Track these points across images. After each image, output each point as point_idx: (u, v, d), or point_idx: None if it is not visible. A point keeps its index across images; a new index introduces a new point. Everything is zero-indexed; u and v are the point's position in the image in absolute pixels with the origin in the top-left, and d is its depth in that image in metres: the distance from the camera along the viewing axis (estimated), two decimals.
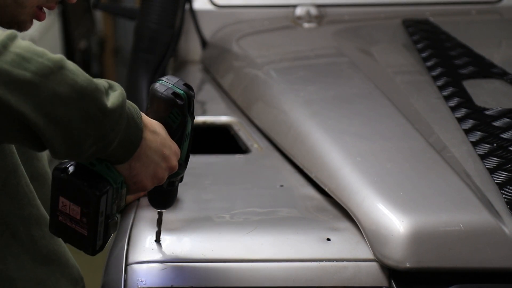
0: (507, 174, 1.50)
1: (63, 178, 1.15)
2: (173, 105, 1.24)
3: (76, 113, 1.05)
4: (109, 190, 1.15)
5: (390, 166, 1.55)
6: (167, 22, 2.60)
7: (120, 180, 1.17)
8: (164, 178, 1.22)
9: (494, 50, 2.43)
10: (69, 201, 1.15)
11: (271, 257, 1.38)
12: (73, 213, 1.15)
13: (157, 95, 1.25)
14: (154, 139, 1.19)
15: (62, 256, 1.40)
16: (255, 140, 1.94)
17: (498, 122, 1.74)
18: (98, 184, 1.15)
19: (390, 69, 2.18)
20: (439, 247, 1.33)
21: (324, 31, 2.60)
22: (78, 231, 1.16)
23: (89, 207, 1.14)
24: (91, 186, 1.14)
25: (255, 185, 1.68)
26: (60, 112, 1.04)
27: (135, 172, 1.18)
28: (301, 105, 1.88)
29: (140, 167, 1.18)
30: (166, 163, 1.22)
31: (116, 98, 1.10)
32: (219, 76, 2.43)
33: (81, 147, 1.07)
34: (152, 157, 1.19)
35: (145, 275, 1.35)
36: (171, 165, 1.23)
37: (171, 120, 1.25)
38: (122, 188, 1.18)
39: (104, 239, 1.19)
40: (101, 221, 1.16)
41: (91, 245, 1.17)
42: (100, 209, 1.15)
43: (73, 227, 1.16)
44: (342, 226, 1.46)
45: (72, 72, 1.06)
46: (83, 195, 1.14)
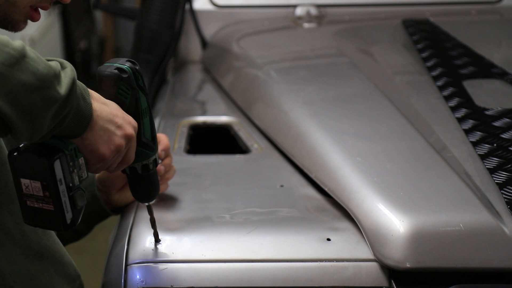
0: (507, 174, 1.50)
1: (16, 158, 1.17)
2: (118, 79, 1.27)
3: (39, 99, 1.08)
4: (61, 156, 1.17)
5: (390, 166, 1.55)
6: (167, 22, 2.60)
7: (72, 147, 1.19)
8: (122, 144, 1.23)
9: (494, 50, 2.43)
10: (29, 179, 1.17)
11: (271, 257, 1.38)
12: (36, 191, 1.17)
13: (102, 74, 1.28)
14: (103, 109, 1.22)
15: (56, 252, 1.40)
16: (255, 140, 1.94)
17: (498, 122, 1.74)
18: (48, 152, 1.17)
19: (390, 69, 2.18)
20: (439, 247, 1.33)
21: (324, 31, 2.60)
22: (46, 209, 1.18)
23: (45, 176, 1.16)
24: (41, 155, 1.16)
25: (255, 185, 1.68)
26: (26, 100, 1.07)
27: (87, 142, 1.20)
28: (301, 105, 1.88)
29: (92, 136, 1.20)
30: (120, 130, 1.23)
31: (69, 77, 1.13)
32: (219, 76, 2.43)
33: (42, 129, 1.11)
34: (104, 125, 1.21)
35: (145, 275, 1.35)
36: (127, 133, 1.23)
37: (122, 96, 1.28)
38: (77, 156, 1.19)
39: (73, 212, 1.19)
40: (62, 190, 1.17)
41: (60, 219, 1.18)
42: (57, 177, 1.16)
43: (41, 207, 1.18)
44: (342, 226, 1.46)
45: (33, 60, 1.09)
46: (37, 167, 1.16)
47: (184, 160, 1.82)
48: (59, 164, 1.17)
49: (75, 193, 1.19)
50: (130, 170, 1.36)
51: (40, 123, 1.10)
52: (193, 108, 2.33)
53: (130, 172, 1.36)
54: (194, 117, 2.14)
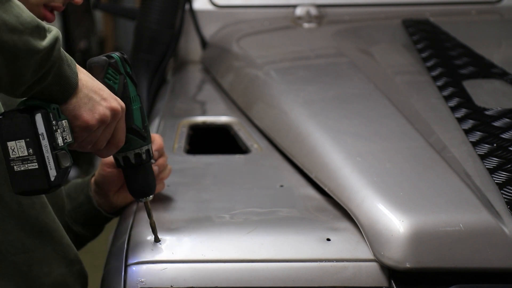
0: (507, 174, 1.50)
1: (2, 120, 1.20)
2: (106, 64, 1.31)
3: (20, 42, 1.11)
4: (43, 112, 1.19)
5: (390, 166, 1.55)
6: (167, 23, 2.60)
7: (55, 106, 1.21)
8: (107, 114, 1.25)
9: (494, 50, 2.43)
10: (14, 140, 1.19)
11: (271, 257, 1.38)
12: (21, 152, 1.19)
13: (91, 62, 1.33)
14: (90, 80, 1.25)
15: (55, 231, 1.41)
16: (255, 140, 1.94)
17: (498, 122, 1.74)
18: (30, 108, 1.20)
19: (390, 69, 2.18)
20: (439, 247, 1.33)
21: (324, 31, 2.60)
22: (31, 169, 1.20)
23: (27, 131, 1.19)
24: (23, 111, 1.19)
25: (255, 185, 1.68)
26: (6, 38, 1.10)
27: (71, 107, 1.22)
28: (301, 105, 1.88)
29: (76, 101, 1.22)
30: (105, 102, 1.25)
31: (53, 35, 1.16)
32: (219, 76, 2.43)
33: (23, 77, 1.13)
34: (89, 94, 1.23)
35: (145, 275, 1.35)
36: (112, 105, 1.25)
37: (110, 81, 1.32)
38: (60, 117, 1.22)
39: (57, 170, 1.21)
40: (45, 145, 1.19)
41: (44, 176, 1.20)
42: (39, 130, 1.19)
43: (27, 168, 1.19)
44: (342, 226, 1.46)
45: (18, 6, 1.12)
46: (19, 124, 1.19)
47: (184, 160, 1.82)
48: (40, 119, 1.19)
49: (59, 152, 1.21)
50: (123, 160, 1.37)
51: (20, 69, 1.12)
52: (193, 108, 2.33)
53: (123, 162, 1.37)
54: (194, 117, 2.14)
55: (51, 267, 1.40)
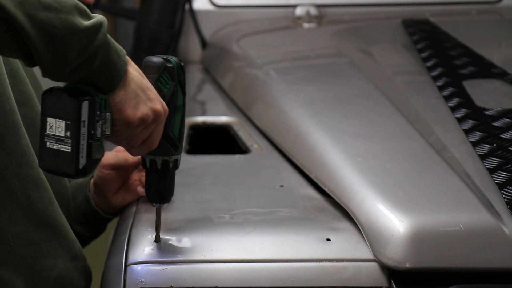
0: (507, 174, 1.50)
1: (49, 95, 1.19)
2: (162, 67, 1.31)
3: (57, 20, 1.09)
4: (91, 100, 1.19)
5: (390, 166, 1.55)
6: (167, 23, 2.60)
7: (103, 97, 1.20)
8: (148, 115, 1.23)
9: (494, 50, 2.43)
10: (55, 118, 1.19)
11: (271, 257, 1.38)
12: (58, 131, 1.19)
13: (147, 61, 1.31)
14: (139, 76, 1.23)
15: (61, 226, 1.42)
16: (255, 140, 1.94)
17: (498, 122, 1.74)
18: (78, 93, 1.19)
19: (390, 69, 2.18)
20: (439, 247, 1.33)
21: (324, 31, 2.60)
22: (62, 150, 1.19)
23: (71, 115, 1.18)
24: (71, 94, 1.18)
25: (255, 185, 1.67)
26: (41, 16, 1.08)
27: (118, 99, 1.21)
28: (301, 105, 1.88)
29: (123, 95, 1.21)
30: (150, 102, 1.24)
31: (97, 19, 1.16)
32: (219, 76, 2.43)
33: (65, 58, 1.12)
34: (136, 90, 1.22)
35: (145, 275, 1.35)
36: (156, 108, 1.24)
37: (161, 84, 1.30)
38: (105, 109, 1.21)
39: (87, 159, 1.20)
40: (83, 133, 1.19)
41: (74, 162, 1.19)
42: (82, 118, 1.18)
43: (59, 148, 1.19)
44: (342, 226, 1.46)
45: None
46: (65, 105, 1.18)
47: (184, 160, 1.81)
48: (86, 106, 1.18)
49: (94, 143, 1.21)
50: (150, 162, 1.37)
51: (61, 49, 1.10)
52: (193, 108, 2.33)
53: (149, 165, 1.37)
54: (194, 117, 2.14)
55: (56, 261, 1.41)
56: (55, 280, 1.41)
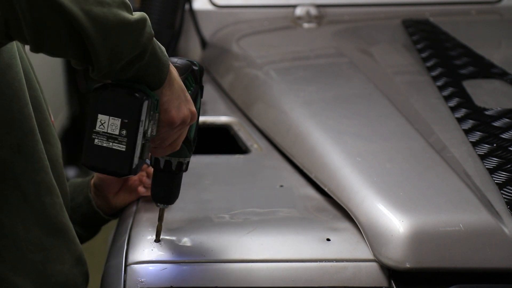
0: (507, 174, 1.50)
1: (103, 92, 1.17)
2: (189, 70, 1.31)
3: (111, 14, 1.11)
4: (150, 99, 1.18)
5: (390, 166, 1.55)
6: (167, 22, 2.60)
7: (157, 97, 1.20)
8: (188, 117, 1.24)
9: (494, 50, 2.43)
10: (109, 115, 1.16)
11: (271, 257, 1.38)
12: (112, 129, 1.16)
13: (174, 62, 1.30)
14: (177, 75, 1.24)
15: (70, 231, 1.42)
16: (255, 140, 1.94)
17: (498, 122, 1.74)
18: (137, 92, 1.17)
19: (390, 69, 2.18)
20: (439, 247, 1.33)
21: (324, 31, 2.60)
22: (115, 149, 1.16)
23: (131, 114, 1.16)
24: (132, 92, 1.17)
25: (255, 185, 1.68)
26: (96, 11, 1.10)
27: (166, 98, 1.21)
28: (301, 105, 1.88)
29: (170, 94, 1.21)
30: (188, 104, 1.25)
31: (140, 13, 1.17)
32: (219, 76, 2.43)
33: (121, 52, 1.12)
34: (178, 90, 1.23)
35: (145, 275, 1.35)
36: (192, 110, 1.26)
37: (186, 86, 1.29)
38: (157, 110, 1.20)
39: (139, 159, 1.19)
40: (140, 133, 1.17)
41: (128, 161, 1.17)
42: (142, 117, 1.17)
43: (110, 146, 1.16)
44: (342, 226, 1.46)
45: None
46: (124, 103, 1.16)
47: None
48: (146, 106, 1.17)
49: (146, 143, 1.20)
50: (165, 163, 1.37)
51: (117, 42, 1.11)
52: None
53: (163, 166, 1.37)
54: None
55: (64, 266, 1.41)
56: (62, 285, 1.41)
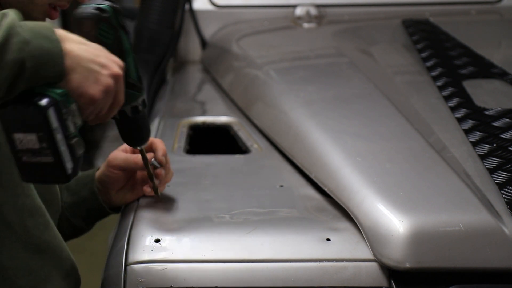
0: (507, 174, 1.50)
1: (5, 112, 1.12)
2: (99, 19, 1.22)
3: None
4: (54, 103, 1.12)
5: (390, 166, 1.55)
6: (166, 22, 2.60)
7: (63, 92, 1.13)
8: (110, 84, 1.19)
9: (494, 50, 2.43)
10: (23, 132, 1.12)
11: (271, 257, 1.38)
12: (32, 145, 1.12)
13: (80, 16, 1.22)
14: (82, 48, 1.17)
15: (56, 247, 1.41)
16: (255, 140, 1.94)
17: (498, 122, 1.74)
18: (39, 100, 1.11)
19: (390, 69, 2.18)
20: (439, 247, 1.33)
21: (324, 31, 2.60)
22: (45, 162, 1.13)
23: (41, 126, 1.11)
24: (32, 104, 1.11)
25: (255, 185, 1.67)
26: None
27: (75, 84, 1.16)
28: (301, 105, 1.88)
29: (78, 77, 1.15)
30: (106, 70, 1.18)
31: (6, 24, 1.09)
32: (219, 76, 2.43)
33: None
34: (88, 66, 1.16)
35: (144, 275, 1.35)
36: (113, 72, 1.19)
37: (103, 37, 1.23)
38: (69, 102, 1.14)
39: (73, 160, 1.15)
40: (60, 139, 1.13)
41: (61, 170, 1.14)
42: (53, 125, 1.12)
43: (39, 160, 1.13)
44: (342, 226, 1.46)
45: None
46: (30, 117, 1.11)
47: (183, 160, 1.82)
48: (53, 112, 1.12)
49: (73, 141, 1.15)
50: (119, 114, 1.32)
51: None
52: (193, 108, 2.33)
53: (119, 116, 1.32)
54: (193, 117, 2.13)
55: (53, 284, 1.39)
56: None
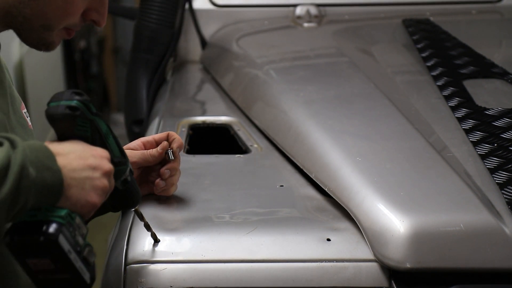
0: (507, 174, 1.50)
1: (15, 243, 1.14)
2: (74, 118, 1.21)
3: None
4: (62, 228, 1.14)
5: (390, 166, 1.54)
6: (166, 22, 2.60)
7: (66, 213, 1.15)
8: (106, 185, 1.20)
9: (495, 49, 2.43)
10: (36, 258, 1.14)
11: (271, 258, 1.38)
12: (47, 266, 1.15)
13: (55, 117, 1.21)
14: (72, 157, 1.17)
15: None
16: (255, 140, 1.94)
17: (498, 122, 1.73)
18: (47, 229, 1.13)
19: (390, 69, 2.17)
20: (440, 248, 1.33)
21: (324, 31, 2.60)
22: (63, 277, 1.16)
23: (54, 254, 1.14)
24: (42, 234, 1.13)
25: (255, 185, 1.67)
26: None
27: (75, 199, 1.16)
28: (301, 105, 1.88)
29: (76, 192, 1.16)
30: (98, 171, 1.19)
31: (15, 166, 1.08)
32: (219, 76, 2.43)
33: None
34: (82, 175, 1.17)
35: (144, 275, 1.35)
36: (106, 170, 1.20)
37: (82, 131, 1.23)
38: (73, 219, 1.16)
39: (89, 270, 1.18)
40: (74, 258, 1.15)
41: (80, 283, 1.17)
42: (65, 249, 1.14)
43: (57, 277, 1.16)
44: (342, 226, 1.45)
45: None
46: (42, 247, 1.13)
47: (183, 160, 1.81)
48: (63, 239, 1.14)
49: (85, 253, 1.18)
50: None
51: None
52: (193, 108, 2.33)
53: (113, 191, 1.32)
54: (193, 117, 2.13)
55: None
56: None
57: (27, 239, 1.13)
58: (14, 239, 1.13)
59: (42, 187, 1.12)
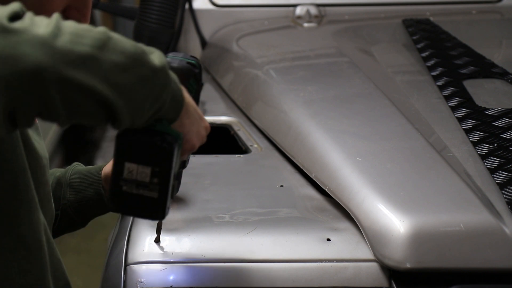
0: (507, 174, 1.50)
1: (131, 140, 1.13)
2: (190, 74, 1.27)
3: (134, 77, 1.07)
4: (177, 144, 1.15)
5: (390, 166, 1.54)
6: (166, 22, 2.60)
7: (181, 136, 1.16)
8: (204, 138, 1.24)
9: (495, 49, 2.43)
10: (137, 164, 1.12)
11: (271, 258, 1.38)
12: (141, 177, 1.12)
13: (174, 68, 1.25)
14: (189, 98, 1.21)
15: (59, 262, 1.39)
16: (255, 140, 1.94)
17: (498, 122, 1.73)
18: (167, 138, 1.13)
19: (390, 69, 2.17)
20: (440, 248, 1.33)
21: (324, 31, 2.60)
22: (146, 196, 1.13)
23: (162, 163, 1.12)
24: (163, 140, 1.13)
25: (255, 185, 1.67)
26: (122, 80, 1.06)
27: (186, 129, 1.19)
28: (301, 105, 1.88)
29: (189, 124, 1.19)
30: (203, 122, 1.24)
31: (159, 57, 1.12)
32: (219, 76, 2.43)
33: (142, 111, 1.09)
34: (194, 115, 1.21)
35: (144, 275, 1.35)
36: (206, 125, 1.25)
37: (189, 90, 1.26)
38: (181, 146, 1.17)
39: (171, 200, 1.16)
40: (172, 178, 1.14)
41: (162, 207, 1.14)
42: (173, 164, 1.13)
43: (141, 193, 1.13)
44: (342, 226, 1.45)
45: (118, 40, 1.07)
46: (155, 152, 1.12)
47: None
48: (177, 152, 1.14)
49: (176, 182, 1.18)
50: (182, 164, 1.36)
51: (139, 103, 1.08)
52: None
53: None
54: None
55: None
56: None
57: (145, 139, 1.12)
58: (131, 136, 1.12)
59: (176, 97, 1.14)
